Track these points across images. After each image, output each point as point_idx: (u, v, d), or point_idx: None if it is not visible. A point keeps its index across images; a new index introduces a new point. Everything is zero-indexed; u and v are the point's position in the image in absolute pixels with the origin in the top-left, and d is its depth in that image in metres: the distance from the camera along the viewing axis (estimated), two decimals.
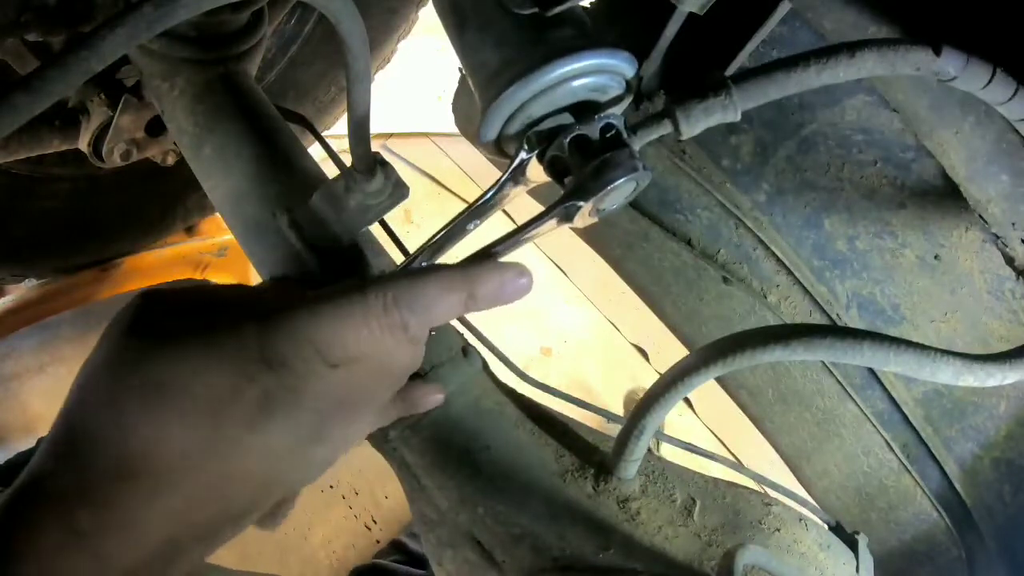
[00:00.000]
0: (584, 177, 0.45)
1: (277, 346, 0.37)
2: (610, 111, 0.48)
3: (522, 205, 0.71)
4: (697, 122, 0.46)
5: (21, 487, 0.35)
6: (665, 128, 0.47)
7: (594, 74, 0.47)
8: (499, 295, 0.41)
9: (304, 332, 0.37)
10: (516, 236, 0.47)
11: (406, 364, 0.44)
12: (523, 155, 0.48)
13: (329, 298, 0.38)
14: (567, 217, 0.46)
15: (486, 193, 0.49)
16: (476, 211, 0.49)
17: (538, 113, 0.48)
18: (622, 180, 0.44)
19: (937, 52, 0.45)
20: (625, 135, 0.47)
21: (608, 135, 0.47)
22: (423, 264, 0.52)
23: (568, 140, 0.46)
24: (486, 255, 0.45)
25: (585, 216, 0.47)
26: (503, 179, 0.49)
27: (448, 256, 0.49)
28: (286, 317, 0.38)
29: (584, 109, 0.49)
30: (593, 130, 0.46)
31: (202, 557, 0.39)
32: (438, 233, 0.50)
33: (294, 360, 0.37)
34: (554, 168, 0.48)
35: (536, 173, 0.50)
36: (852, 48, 0.45)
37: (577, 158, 0.46)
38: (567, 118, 0.49)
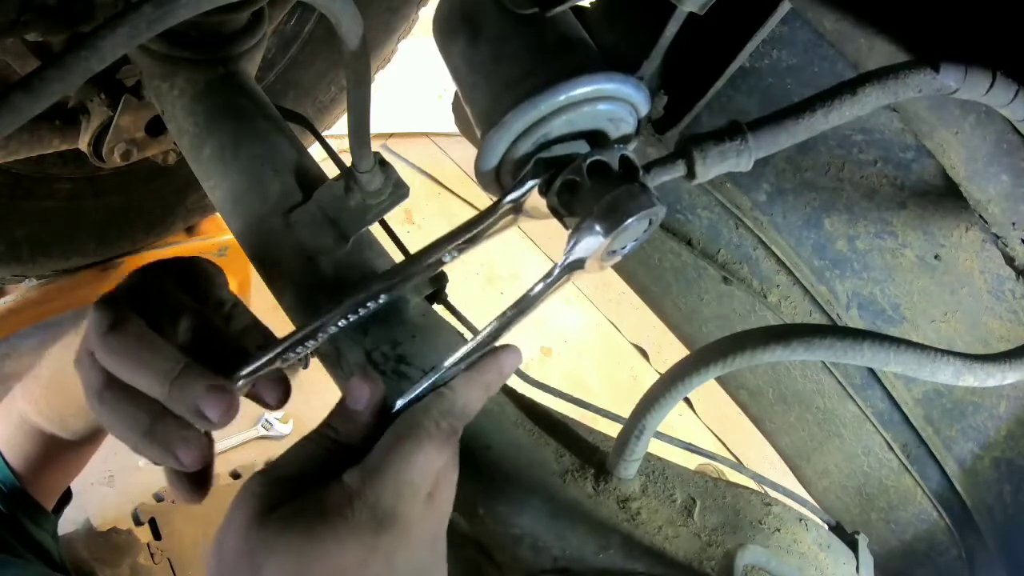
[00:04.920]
0: (599, 211, 0.42)
1: (384, 502, 0.41)
2: (624, 145, 0.46)
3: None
4: (712, 165, 0.45)
5: None
6: (679, 169, 0.45)
7: (619, 101, 0.45)
8: (505, 376, 0.50)
9: (402, 476, 0.42)
10: (526, 303, 0.45)
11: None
12: (530, 181, 0.45)
13: (399, 439, 0.43)
14: (577, 265, 0.43)
15: (475, 222, 0.46)
16: (458, 245, 0.47)
17: (556, 132, 0.45)
18: (639, 215, 0.41)
19: (936, 69, 0.45)
20: (640, 171, 0.45)
21: (624, 169, 0.44)
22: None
23: (587, 164, 0.43)
24: (490, 344, 0.48)
25: (597, 261, 0.44)
26: (500, 207, 0.45)
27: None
28: (379, 471, 0.42)
29: (599, 139, 0.47)
30: (612, 158, 0.44)
31: None
32: (410, 260, 0.48)
33: (403, 508, 0.42)
34: (561, 199, 0.45)
35: (533, 207, 0.46)
36: (854, 85, 0.45)
37: (594, 184, 0.43)
38: (581, 147, 0.46)
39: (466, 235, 0.46)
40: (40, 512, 0.64)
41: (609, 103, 0.45)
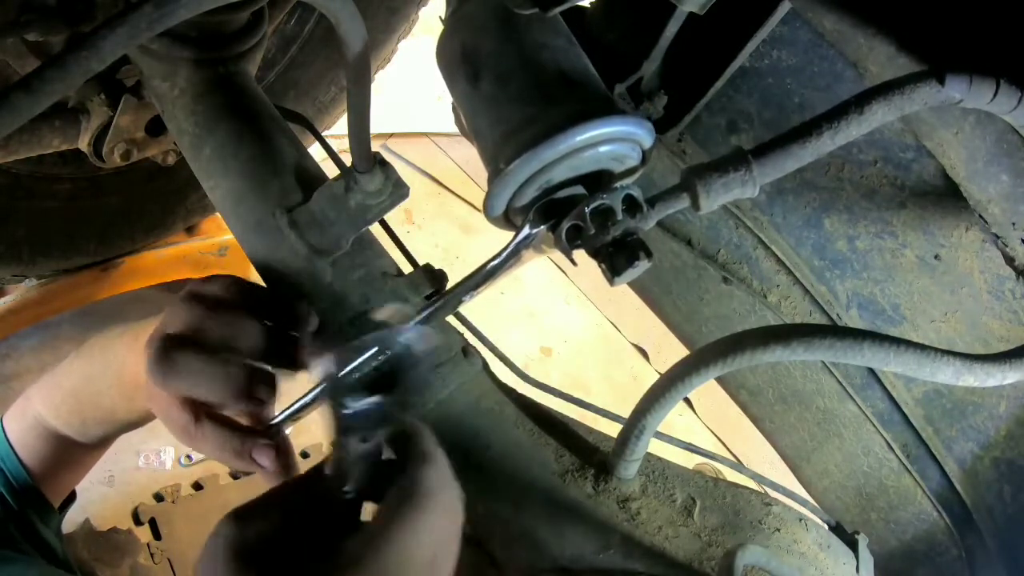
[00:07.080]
0: (602, 262, 0.45)
1: None
2: (627, 180, 0.48)
3: None
4: (716, 196, 0.45)
5: None
6: (683, 202, 0.46)
7: (620, 141, 0.46)
8: None
9: (406, 550, 0.39)
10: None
11: None
12: (533, 228, 0.47)
13: (401, 504, 0.40)
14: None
15: (486, 266, 0.48)
16: (472, 285, 0.48)
17: (558, 178, 0.46)
18: (635, 271, 0.45)
19: (941, 81, 0.44)
20: (644, 208, 0.46)
21: (627, 206, 0.46)
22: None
23: (590, 210, 0.45)
24: None
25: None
26: (505, 256, 0.47)
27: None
28: (381, 547, 0.39)
29: (600, 179, 0.48)
30: (615, 200, 0.45)
31: None
32: (432, 303, 0.50)
33: None
34: (568, 238, 0.47)
35: (541, 244, 0.48)
36: (860, 103, 0.44)
37: (598, 228, 0.45)
38: (580, 189, 0.47)
39: (478, 278, 0.49)
40: (48, 510, 0.64)
41: (610, 144, 0.46)
